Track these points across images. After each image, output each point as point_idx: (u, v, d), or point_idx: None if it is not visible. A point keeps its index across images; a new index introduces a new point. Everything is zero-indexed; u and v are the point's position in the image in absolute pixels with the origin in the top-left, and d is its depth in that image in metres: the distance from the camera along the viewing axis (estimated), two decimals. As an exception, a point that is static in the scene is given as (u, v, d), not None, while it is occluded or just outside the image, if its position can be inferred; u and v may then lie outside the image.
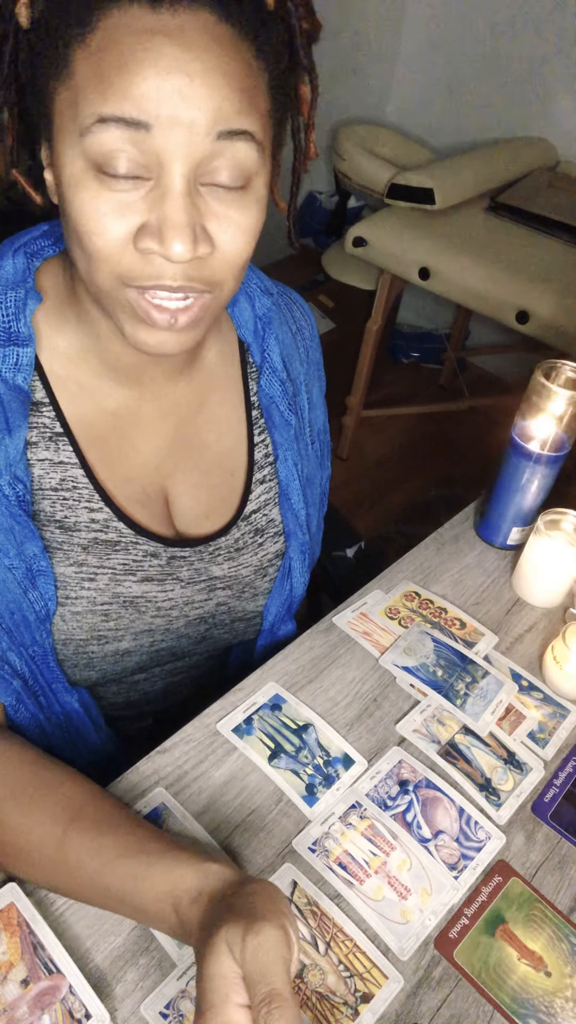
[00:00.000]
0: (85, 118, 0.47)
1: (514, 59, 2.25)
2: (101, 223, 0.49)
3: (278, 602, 0.79)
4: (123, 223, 0.49)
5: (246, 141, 0.49)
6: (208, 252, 0.51)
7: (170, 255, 0.49)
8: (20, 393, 0.60)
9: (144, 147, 0.47)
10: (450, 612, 0.85)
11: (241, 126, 0.48)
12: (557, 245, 1.89)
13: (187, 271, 0.51)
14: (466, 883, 0.63)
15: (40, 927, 0.56)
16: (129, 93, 0.45)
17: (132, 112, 0.46)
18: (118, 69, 0.45)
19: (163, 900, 0.51)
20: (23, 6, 0.47)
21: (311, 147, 0.59)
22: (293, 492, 0.76)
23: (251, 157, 0.50)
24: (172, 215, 0.48)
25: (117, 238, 0.50)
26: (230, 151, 0.49)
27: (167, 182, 0.48)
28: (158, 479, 0.70)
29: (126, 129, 0.46)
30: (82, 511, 0.65)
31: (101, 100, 0.46)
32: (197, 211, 0.50)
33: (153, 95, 0.46)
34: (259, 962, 0.43)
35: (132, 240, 0.50)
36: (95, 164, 0.48)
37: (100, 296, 0.55)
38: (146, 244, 0.49)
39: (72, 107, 0.47)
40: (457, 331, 2.66)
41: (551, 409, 0.83)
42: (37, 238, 0.63)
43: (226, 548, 0.73)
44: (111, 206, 0.49)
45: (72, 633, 0.66)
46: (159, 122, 0.46)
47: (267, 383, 0.73)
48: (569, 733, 0.76)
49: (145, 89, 0.45)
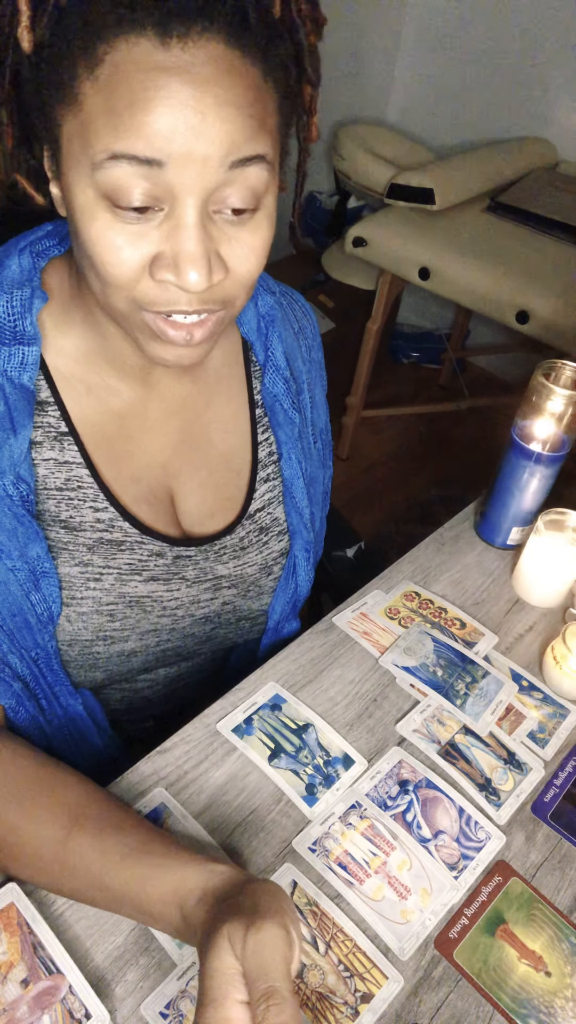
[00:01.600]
0: (97, 153, 0.46)
1: (514, 59, 2.25)
2: (116, 254, 0.50)
3: (283, 600, 0.79)
4: (137, 252, 0.50)
5: (257, 164, 0.49)
6: (222, 278, 0.52)
7: (187, 286, 0.50)
8: (25, 392, 0.60)
9: (157, 181, 0.47)
10: (450, 612, 0.85)
11: (254, 152, 0.48)
12: (557, 245, 1.89)
13: (202, 296, 0.52)
14: (466, 883, 0.63)
15: (40, 927, 0.56)
16: (142, 132, 0.45)
17: (145, 151, 0.46)
18: (129, 106, 0.45)
19: (168, 901, 0.51)
20: (25, 30, 0.46)
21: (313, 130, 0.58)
22: (297, 490, 0.76)
23: (262, 178, 0.50)
24: (187, 247, 0.49)
25: (132, 268, 0.50)
26: (242, 177, 0.49)
27: (180, 213, 0.48)
28: (163, 478, 0.70)
29: (139, 166, 0.46)
30: (87, 511, 0.65)
31: (113, 136, 0.46)
32: (210, 239, 0.50)
33: (166, 133, 0.45)
34: (259, 959, 0.44)
35: (147, 269, 0.50)
36: (107, 196, 0.48)
37: (115, 315, 0.55)
38: (162, 275, 0.50)
39: (82, 138, 0.47)
40: (457, 331, 2.66)
41: (551, 409, 0.83)
42: (42, 237, 0.63)
43: (231, 547, 0.73)
44: (125, 237, 0.49)
45: (78, 634, 0.66)
46: (172, 159, 0.46)
47: (271, 381, 0.73)
48: (569, 733, 0.76)
49: (158, 127, 0.45)
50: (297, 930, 0.47)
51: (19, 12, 0.45)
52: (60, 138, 0.49)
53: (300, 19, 0.50)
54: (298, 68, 0.52)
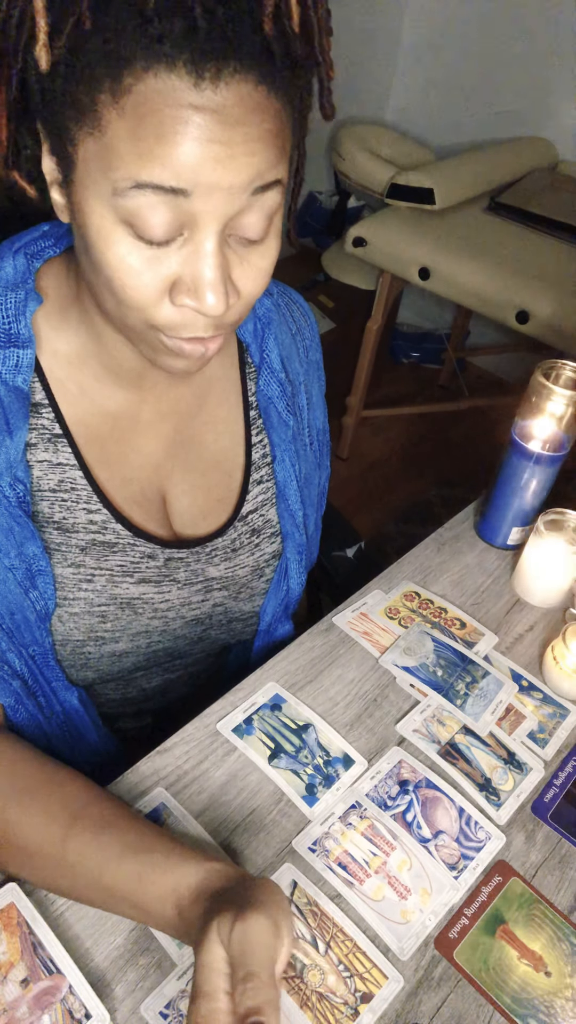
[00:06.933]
0: (120, 180, 0.46)
1: (514, 59, 2.25)
2: (135, 278, 0.50)
3: (275, 603, 0.79)
4: (157, 277, 0.50)
5: (275, 188, 0.50)
6: (236, 300, 0.52)
7: (206, 311, 0.50)
8: (20, 394, 0.60)
9: (180, 209, 0.47)
10: (450, 612, 0.85)
11: (275, 177, 0.49)
12: (557, 245, 1.89)
13: (216, 320, 0.53)
14: (466, 883, 0.63)
15: (40, 927, 0.56)
16: (169, 163, 0.45)
17: (171, 181, 0.45)
18: (157, 138, 0.44)
19: (166, 899, 0.51)
20: (43, 48, 0.45)
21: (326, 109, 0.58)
22: (290, 493, 0.76)
23: (276, 200, 0.51)
24: (207, 273, 0.49)
25: (152, 291, 0.50)
26: (260, 202, 0.49)
27: (200, 239, 0.49)
28: (156, 480, 0.70)
29: (163, 195, 0.46)
30: (80, 512, 0.65)
31: (138, 166, 0.45)
32: (227, 263, 0.51)
33: (193, 165, 0.45)
34: (241, 946, 0.45)
35: (167, 293, 0.51)
36: (128, 222, 0.48)
37: (127, 332, 0.56)
38: (182, 300, 0.50)
39: (102, 161, 0.46)
40: (457, 331, 2.66)
41: (551, 409, 0.83)
42: (37, 239, 0.63)
43: (223, 549, 0.73)
44: (143, 261, 0.49)
45: (69, 634, 0.66)
46: (198, 189, 0.46)
47: (265, 384, 0.73)
48: (569, 733, 0.76)
49: (185, 160, 0.45)
50: (288, 924, 0.48)
51: (37, 28, 0.44)
52: (74, 155, 0.48)
53: (323, 56, 0.50)
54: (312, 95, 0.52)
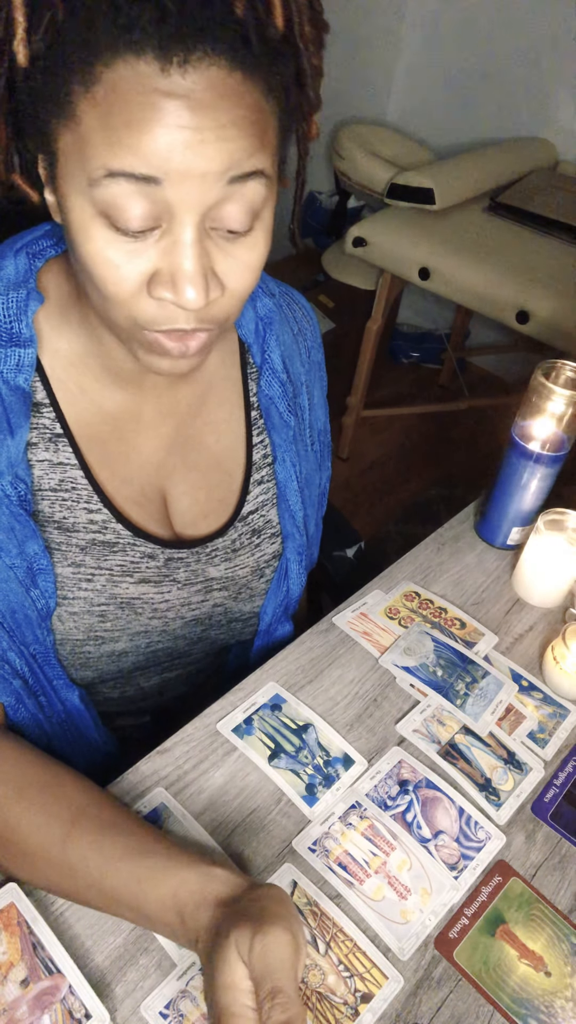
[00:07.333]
0: (94, 170, 0.46)
1: (514, 59, 2.25)
2: (114, 272, 0.49)
3: (275, 603, 0.79)
4: (135, 269, 0.50)
5: (256, 179, 0.49)
6: (219, 295, 0.52)
7: (184, 304, 0.50)
8: (21, 394, 0.60)
9: (155, 198, 0.47)
10: (450, 612, 0.85)
11: (253, 167, 0.48)
12: (557, 245, 1.89)
13: (199, 314, 0.52)
14: (466, 883, 0.63)
15: (40, 927, 0.56)
16: (139, 150, 0.45)
17: (142, 168, 0.45)
18: (126, 126, 0.44)
19: (166, 903, 0.51)
20: (20, 42, 0.45)
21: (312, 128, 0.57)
22: (291, 493, 0.76)
23: (260, 193, 0.50)
24: (185, 265, 0.49)
25: (131, 284, 0.50)
26: (240, 192, 0.49)
27: (178, 230, 0.48)
28: (157, 480, 0.70)
29: (136, 183, 0.46)
30: (81, 512, 0.65)
31: (110, 154, 0.45)
32: (207, 256, 0.50)
33: (163, 152, 0.45)
34: (264, 961, 0.45)
35: (146, 286, 0.50)
36: (105, 214, 0.48)
37: (113, 328, 0.55)
38: (160, 293, 0.50)
39: (79, 153, 0.47)
40: (457, 331, 2.66)
41: (551, 409, 0.83)
42: (39, 238, 0.63)
43: (223, 549, 0.73)
44: (122, 254, 0.49)
45: (69, 633, 0.66)
46: (169, 176, 0.46)
47: (267, 384, 0.73)
48: (569, 733, 0.76)
49: (155, 146, 0.45)
50: (302, 934, 0.48)
51: (15, 23, 0.44)
52: (56, 151, 0.49)
53: (303, 42, 0.49)
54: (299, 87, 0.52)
